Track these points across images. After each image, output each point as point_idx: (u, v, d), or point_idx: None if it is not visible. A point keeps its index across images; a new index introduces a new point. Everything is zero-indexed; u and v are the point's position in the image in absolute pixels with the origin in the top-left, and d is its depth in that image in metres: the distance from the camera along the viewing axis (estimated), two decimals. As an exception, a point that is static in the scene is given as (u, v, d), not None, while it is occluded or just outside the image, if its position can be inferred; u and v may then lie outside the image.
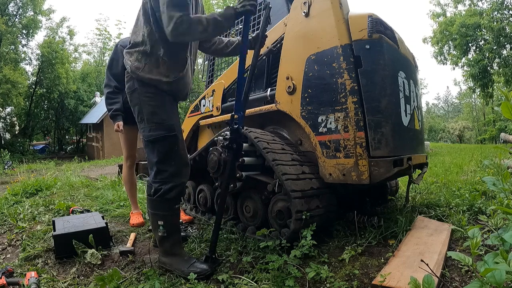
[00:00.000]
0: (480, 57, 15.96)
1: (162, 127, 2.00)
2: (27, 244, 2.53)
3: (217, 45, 2.39)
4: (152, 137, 2.00)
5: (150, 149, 2.03)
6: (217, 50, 2.42)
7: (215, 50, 2.41)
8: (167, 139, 2.00)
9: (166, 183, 2.00)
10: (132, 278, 1.98)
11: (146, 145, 2.05)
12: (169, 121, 2.03)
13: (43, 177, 6.01)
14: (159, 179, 2.01)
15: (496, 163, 1.45)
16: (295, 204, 2.07)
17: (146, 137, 2.03)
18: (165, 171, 2.00)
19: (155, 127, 2.00)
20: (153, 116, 2.00)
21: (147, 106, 2.01)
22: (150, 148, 2.03)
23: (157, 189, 2.01)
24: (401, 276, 1.62)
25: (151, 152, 2.03)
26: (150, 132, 2.01)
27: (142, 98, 2.01)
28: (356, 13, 2.26)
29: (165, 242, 2.05)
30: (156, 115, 2.01)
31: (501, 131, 21.11)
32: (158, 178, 2.02)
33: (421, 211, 2.81)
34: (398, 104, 2.26)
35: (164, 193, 1.99)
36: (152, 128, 2.00)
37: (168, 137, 2.00)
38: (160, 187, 2.00)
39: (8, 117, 24.89)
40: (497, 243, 1.33)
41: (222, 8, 21.02)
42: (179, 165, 2.04)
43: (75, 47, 29.59)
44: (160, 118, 2.01)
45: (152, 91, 2.01)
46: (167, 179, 2.00)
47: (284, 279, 1.77)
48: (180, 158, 2.05)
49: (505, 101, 1.23)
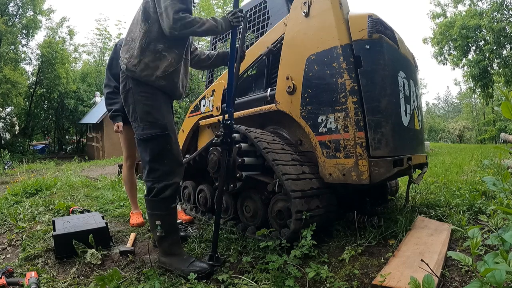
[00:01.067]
0: (481, 58, 15.96)
1: (155, 126, 2.02)
2: (27, 244, 2.53)
3: (199, 57, 2.44)
4: (146, 136, 2.02)
5: (143, 147, 2.05)
6: (199, 62, 2.46)
7: (197, 62, 2.46)
8: (160, 138, 2.02)
9: (159, 182, 2.01)
10: (132, 278, 1.98)
11: (139, 144, 2.07)
12: (163, 120, 2.04)
13: (43, 177, 6.01)
14: (151, 178, 2.03)
15: (496, 163, 1.45)
16: (295, 204, 2.07)
17: (139, 135, 2.05)
18: (157, 170, 2.02)
19: (148, 125, 2.01)
20: (147, 115, 2.02)
21: (141, 105, 2.02)
22: (143, 147, 2.05)
23: (150, 188, 2.03)
24: (401, 276, 1.62)
25: (144, 151, 2.05)
26: (144, 131, 2.02)
27: (137, 97, 2.02)
28: (356, 13, 2.26)
29: (164, 242, 2.05)
30: (150, 114, 2.02)
31: (501, 131, 21.11)
32: (150, 177, 2.04)
33: (421, 211, 2.81)
34: (398, 104, 2.26)
35: (158, 193, 2.00)
36: (146, 126, 2.02)
37: (161, 136, 2.02)
38: (153, 186, 2.02)
39: (8, 117, 24.87)
40: (497, 243, 1.33)
41: (222, 8, 21.03)
42: (171, 164, 2.05)
43: (75, 47, 29.58)
44: (154, 117, 2.02)
45: (147, 90, 2.02)
46: (160, 178, 2.02)
47: (284, 279, 1.77)
48: (173, 157, 2.06)
49: (505, 101, 1.23)
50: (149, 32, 1.99)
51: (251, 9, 3.22)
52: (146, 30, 1.99)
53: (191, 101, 20.50)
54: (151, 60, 1.99)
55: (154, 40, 1.99)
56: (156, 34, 1.98)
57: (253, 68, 3.08)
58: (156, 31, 1.98)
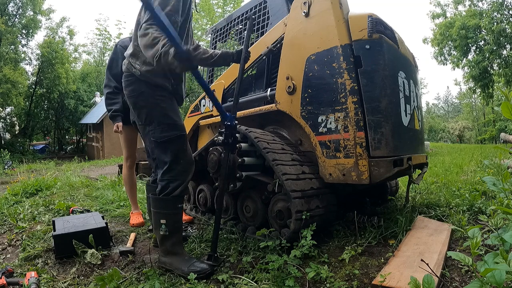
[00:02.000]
0: (481, 58, 15.96)
1: (174, 128, 2.06)
2: (27, 244, 2.53)
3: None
4: (166, 138, 2.04)
5: (162, 149, 2.07)
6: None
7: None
8: (180, 139, 2.07)
9: (174, 180, 2.04)
10: (132, 278, 1.98)
11: (158, 145, 2.08)
12: (180, 121, 2.11)
13: (43, 177, 6.01)
14: (167, 177, 2.05)
15: (496, 163, 1.45)
16: (295, 204, 2.07)
17: (158, 138, 2.06)
18: (174, 169, 2.05)
19: (167, 127, 2.04)
20: (165, 117, 2.05)
21: (159, 108, 2.05)
22: (163, 148, 2.06)
23: (164, 186, 2.04)
24: (401, 276, 1.62)
25: (163, 153, 2.06)
26: (162, 133, 2.04)
27: (153, 101, 2.04)
28: (356, 13, 2.26)
29: (166, 241, 2.06)
30: (168, 117, 2.06)
31: (501, 131, 21.13)
32: (166, 176, 2.05)
33: (421, 211, 2.81)
34: (398, 104, 2.26)
35: (172, 191, 2.03)
36: (164, 129, 2.04)
37: (181, 136, 2.08)
38: (168, 185, 2.04)
39: (8, 117, 24.84)
40: (497, 243, 1.33)
41: (222, 8, 21.02)
42: (186, 163, 2.10)
43: (75, 47, 29.51)
44: (172, 119, 2.07)
45: (163, 94, 2.07)
46: (175, 176, 2.05)
47: (284, 279, 1.77)
48: (187, 157, 2.12)
49: (505, 101, 1.23)
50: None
51: (251, 9, 3.22)
52: None
53: (191, 101, 20.51)
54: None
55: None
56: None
57: (253, 68, 3.08)
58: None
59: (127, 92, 2.11)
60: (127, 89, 2.10)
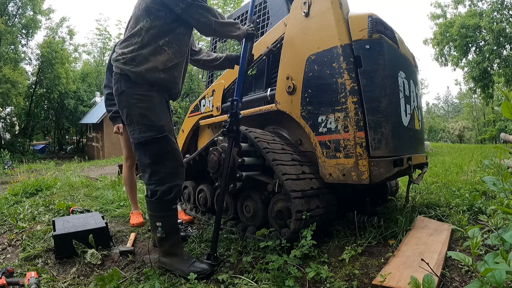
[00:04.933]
0: (480, 59, 15.97)
1: (152, 128, 1.99)
2: (27, 244, 2.53)
3: (206, 57, 2.55)
4: (143, 139, 1.99)
5: (142, 151, 2.02)
6: (206, 62, 2.57)
7: (204, 62, 2.56)
8: (158, 141, 2.00)
9: (162, 184, 2.00)
10: (132, 278, 1.98)
11: (137, 147, 2.04)
12: (159, 122, 2.01)
13: (43, 177, 6.01)
14: (154, 180, 2.01)
15: (496, 163, 1.45)
16: (295, 204, 2.07)
17: (136, 139, 2.02)
18: (159, 172, 2.00)
19: (144, 129, 1.99)
20: (142, 118, 1.99)
21: (136, 108, 1.99)
22: (142, 150, 2.02)
23: (154, 191, 2.01)
24: (401, 276, 1.62)
25: (143, 155, 2.02)
26: (140, 134, 1.99)
27: (131, 100, 1.99)
28: (356, 13, 2.26)
29: (165, 242, 2.05)
30: (145, 117, 1.99)
31: (501, 131, 21.13)
32: (153, 179, 2.02)
33: (421, 211, 2.80)
34: (398, 104, 2.26)
35: (162, 195, 1.99)
36: (142, 130, 1.99)
37: (159, 138, 2.00)
38: (156, 189, 2.00)
39: (8, 117, 24.84)
40: (497, 243, 1.33)
41: (222, 8, 21.02)
42: (173, 165, 2.04)
43: (75, 47, 29.54)
44: (149, 119, 1.99)
45: (141, 92, 1.99)
46: (163, 180, 2.00)
47: (284, 279, 1.77)
48: (173, 159, 2.05)
49: (505, 101, 1.23)
50: (150, 28, 1.98)
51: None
52: (148, 26, 1.98)
53: (191, 101, 20.50)
54: (151, 53, 1.98)
55: (155, 36, 1.99)
56: (158, 30, 1.99)
57: (253, 68, 3.08)
58: (158, 27, 1.98)
59: (113, 91, 2.10)
60: (113, 88, 2.09)
